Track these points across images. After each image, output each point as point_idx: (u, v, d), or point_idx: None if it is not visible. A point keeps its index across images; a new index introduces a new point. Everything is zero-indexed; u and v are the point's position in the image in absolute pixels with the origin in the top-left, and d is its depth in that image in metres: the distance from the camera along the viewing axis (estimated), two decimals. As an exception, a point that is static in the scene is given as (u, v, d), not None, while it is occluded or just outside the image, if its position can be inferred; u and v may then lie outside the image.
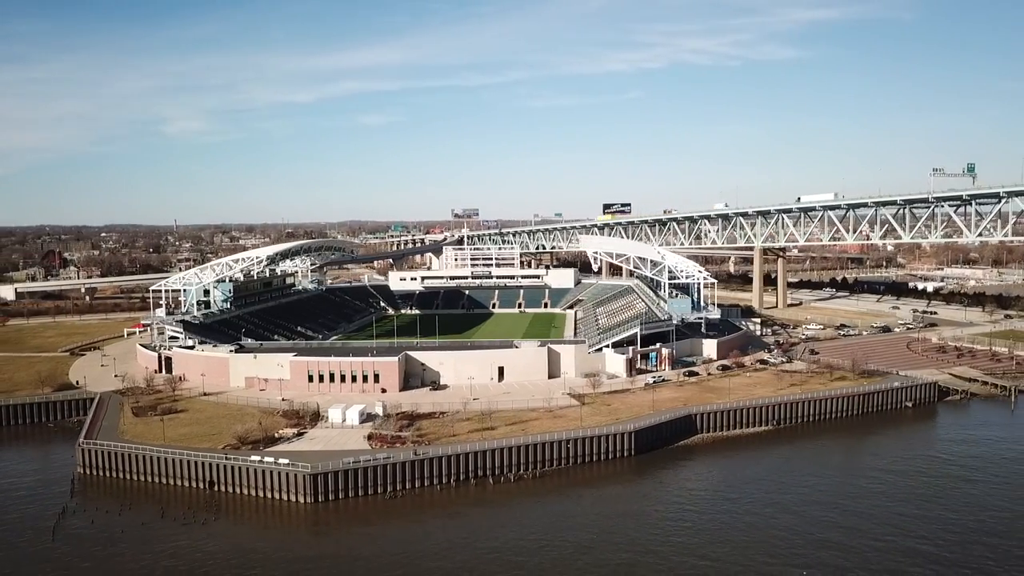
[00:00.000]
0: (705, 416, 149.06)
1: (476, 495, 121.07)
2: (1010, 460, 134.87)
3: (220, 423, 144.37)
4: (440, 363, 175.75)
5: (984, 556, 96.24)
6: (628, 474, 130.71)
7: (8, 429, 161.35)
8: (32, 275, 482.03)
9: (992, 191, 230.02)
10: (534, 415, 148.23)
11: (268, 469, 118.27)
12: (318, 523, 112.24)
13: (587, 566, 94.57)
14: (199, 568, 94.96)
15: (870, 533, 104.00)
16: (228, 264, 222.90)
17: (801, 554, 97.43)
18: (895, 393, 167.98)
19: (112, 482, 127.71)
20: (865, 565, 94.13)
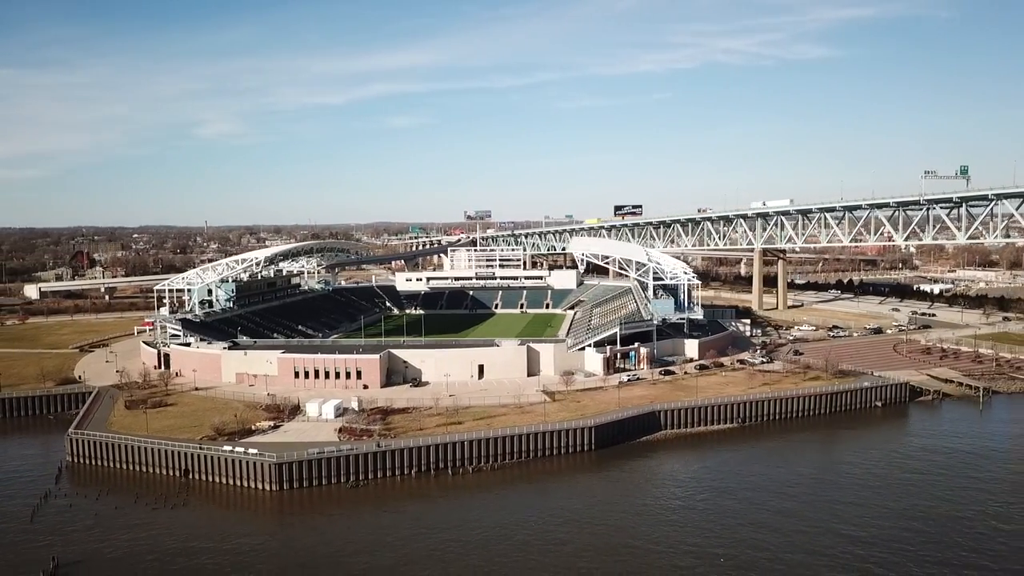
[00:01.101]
0: (669, 413, 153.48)
1: (436, 486, 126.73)
2: (958, 455, 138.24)
3: (204, 416, 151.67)
4: (422, 361, 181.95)
5: (903, 538, 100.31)
6: (586, 467, 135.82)
7: (11, 421, 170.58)
8: (59, 275, 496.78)
9: (981, 193, 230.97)
10: (503, 411, 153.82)
11: (237, 458, 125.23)
12: (282, 510, 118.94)
13: (524, 542, 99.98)
14: (155, 547, 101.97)
15: (802, 517, 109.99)
16: (229, 264, 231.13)
17: (729, 536, 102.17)
18: (864, 393, 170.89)
19: (97, 470, 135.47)
20: (789, 547, 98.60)
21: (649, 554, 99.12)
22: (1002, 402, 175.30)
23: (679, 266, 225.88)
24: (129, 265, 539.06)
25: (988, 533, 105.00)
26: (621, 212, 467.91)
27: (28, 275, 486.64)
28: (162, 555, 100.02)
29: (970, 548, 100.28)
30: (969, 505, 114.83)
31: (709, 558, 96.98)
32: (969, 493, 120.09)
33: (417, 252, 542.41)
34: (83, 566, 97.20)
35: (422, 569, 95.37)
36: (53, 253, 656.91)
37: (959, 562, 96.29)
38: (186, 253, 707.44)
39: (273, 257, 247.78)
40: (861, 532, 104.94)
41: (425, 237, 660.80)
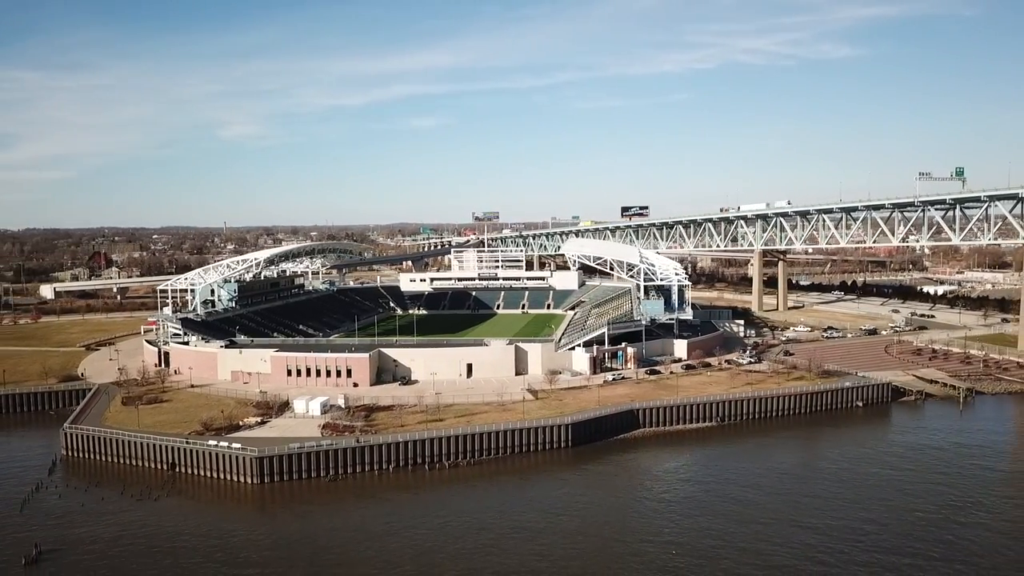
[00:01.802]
0: (646, 411, 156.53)
1: (413, 480, 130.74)
2: (929, 452, 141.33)
3: (196, 412, 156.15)
4: (411, 360, 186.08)
5: (856, 528, 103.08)
6: (561, 463, 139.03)
7: (13, 416, 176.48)
8: (76, 275, 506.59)
9: (973, 195, 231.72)
10: (485, 408, 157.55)
11: (220, 452, 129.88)
12: (262, 502, 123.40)
13: (496, 533, 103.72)
14: (134, 535, 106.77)
15: (763, 509, 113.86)
16: (230, 265, 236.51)
17: (688, 526, 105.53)
18: (845, 393, 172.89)
19: (90, 463, 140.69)
20: (743, 537, 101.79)
21: (611, 542, 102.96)
22: (985, 402, 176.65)
23: (672, 267, 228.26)
24: (144, 266, 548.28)
25: (942, 525, 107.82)
26: (628, 213, 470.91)
27: (46, 275, 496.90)
28: (139, 543, 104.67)
29: (920, 538, 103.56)
30: (929, 499, 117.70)
31: (664, 547, 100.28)
32: (933, 487, 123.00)
33: (421, 253, 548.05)
34: (64, 552, 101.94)
35: (398, 558, 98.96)
36: (72, 254, 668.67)
37: (907, 551, 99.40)
38: (202, 254, 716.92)
39: (273, 258, 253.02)
40: (817, 522, 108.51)
41: (437, 238, 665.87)
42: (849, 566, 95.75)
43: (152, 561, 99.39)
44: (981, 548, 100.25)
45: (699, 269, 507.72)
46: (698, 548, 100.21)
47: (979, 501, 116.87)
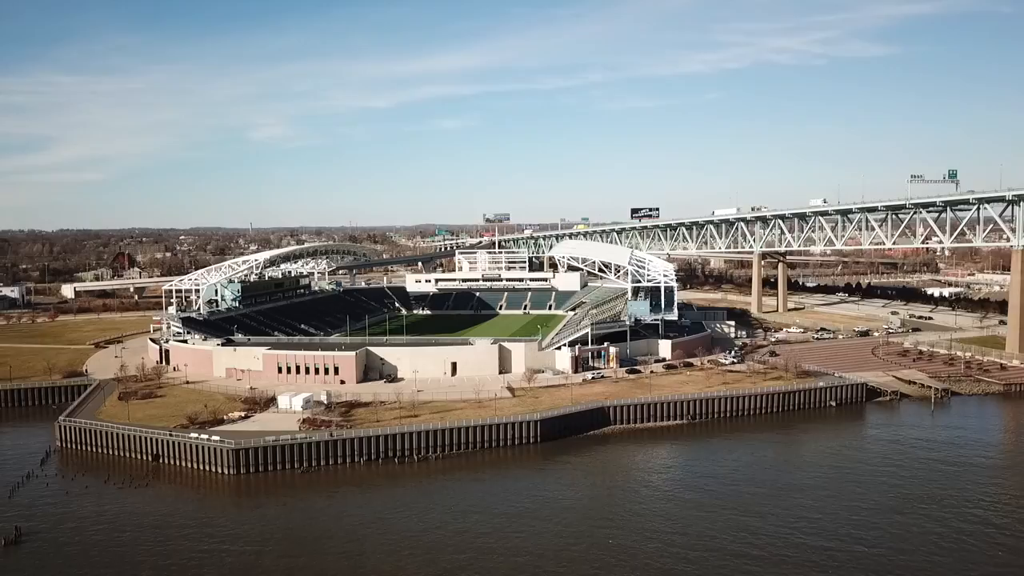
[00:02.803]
0: (618, 409, 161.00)
1: (383, 473, 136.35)
2: (890, 450, 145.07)
3: (186, 407, 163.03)
4: (397, 359, 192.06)
5: (797, 515, 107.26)
6: (527, 458, 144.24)
7: (17, 410, 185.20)
8: (99, 275, 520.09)
9: (963, 197, 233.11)
10: (462, 405, 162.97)
11: (199, 444, 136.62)
12: (238, 491, 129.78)
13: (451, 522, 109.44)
14: (111, 520, 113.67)
15: (704, 504, 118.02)
16: (232, 266, 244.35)
17: (628, 519, 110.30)
18: (819, 392, 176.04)
19: (81, 454, 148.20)
20: (680, 529, 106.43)
21: (546, 534, 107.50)
22: (959, 403, 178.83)
23: (662, 268, 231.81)
24: (165, 266, 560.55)
25: (875, 519, 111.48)
26: (639, 215, 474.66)
27: (70, 275, 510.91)
28: (112, 526, 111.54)
29: (858, 524, 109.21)
30: (872, 494, 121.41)
31: (601, 538, 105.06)
32: (881, 481, 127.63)
33: (425, 255, 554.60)
34: (42, 535, 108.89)
35: (368, 546, 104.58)
36: (98, 254, 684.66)
37: (844, 536, 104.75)
38: (224, 255, 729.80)
39: (274, 259, 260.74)
40: (762, 510, 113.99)
41: (451, 240, 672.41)
42: (787, 548, 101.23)
43: (120, 542, 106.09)
44: (913, 537, 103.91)
45: (707, 271, 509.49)
46: (629, 541, 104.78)
47: (931, 494, 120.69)
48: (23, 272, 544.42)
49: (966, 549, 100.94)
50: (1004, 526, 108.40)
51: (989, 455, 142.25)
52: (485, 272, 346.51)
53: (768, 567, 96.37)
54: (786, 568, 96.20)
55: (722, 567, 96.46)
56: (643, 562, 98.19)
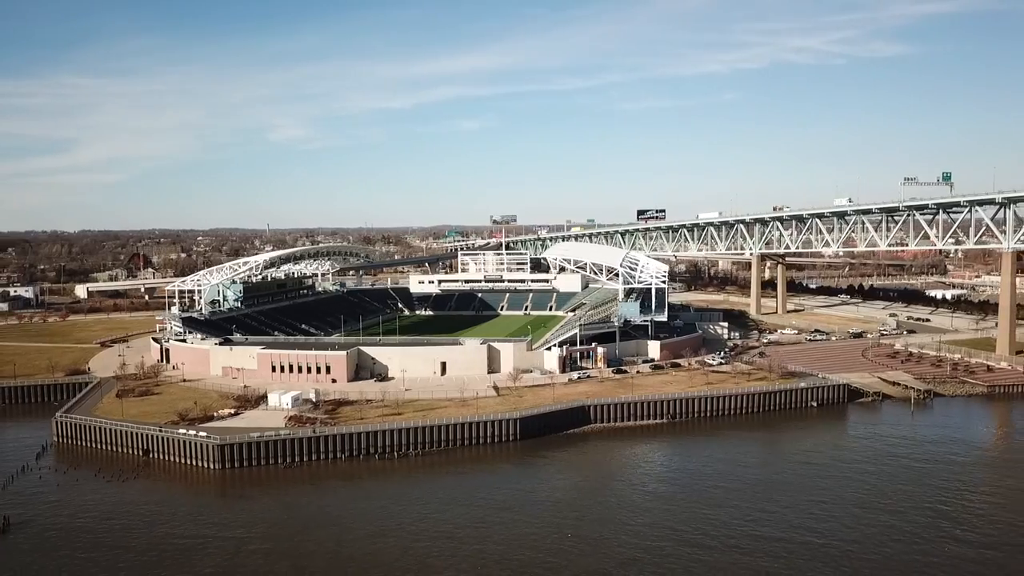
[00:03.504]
0: (598, 408, 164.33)
1: (364, 469, 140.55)
2: (860, 449, 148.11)
3: (180, 404, 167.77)
4: (388, 358, 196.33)
5: (760, 508, 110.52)
6: (504, 455, 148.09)
7: (21, 406, 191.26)
8: (114, 276, 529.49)
9: (954, 200, 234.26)
10: (446, 404, 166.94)
11: (186, 440, 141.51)
12: (223, 485, 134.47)
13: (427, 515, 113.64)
14: (97, 511, 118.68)
15: (669, 499, 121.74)
16: (232, 267, 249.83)
17: (594, 512, 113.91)
18: (800, 393, 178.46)
19: (77, 449, 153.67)
20: (644, 524, 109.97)
21: (516, 523, 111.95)
22: (942, 404, 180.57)
23: (654, 270, 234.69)
24: (178, 267, 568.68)
25: (836, 512, 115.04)
26: (644, 216, 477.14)
27: (85, 276, 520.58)
28: (100, 516, 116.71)
29: (818, 517, 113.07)
30: (838, 489, 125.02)
31: (560, 531, 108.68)
32: (848, 477, 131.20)
33: (432, 256, 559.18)
34: (29, 524, 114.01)
35: (348, 535, 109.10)
36: (115, 255, 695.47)
37: (795, 528, 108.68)
38: (238, 256, 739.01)
39: (274, 260, 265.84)
40: (719, 508, 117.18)
41: (463, 241, 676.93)
42: (742, 538, 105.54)
43: (104, 530, 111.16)
44: (868, 529, 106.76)
45: (713, 273, 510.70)
46: (588, 534, 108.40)
47: (894, 490, 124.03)
48: (40, 272, 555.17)
49: (916, 541, 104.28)
50: (960, 520, 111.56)
51: (959, 453, 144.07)
52: (487, 274, 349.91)
53: (721, 554, 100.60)
54: (736, 555, 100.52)
55: (677, 555, 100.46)
56: (602, 550, 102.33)
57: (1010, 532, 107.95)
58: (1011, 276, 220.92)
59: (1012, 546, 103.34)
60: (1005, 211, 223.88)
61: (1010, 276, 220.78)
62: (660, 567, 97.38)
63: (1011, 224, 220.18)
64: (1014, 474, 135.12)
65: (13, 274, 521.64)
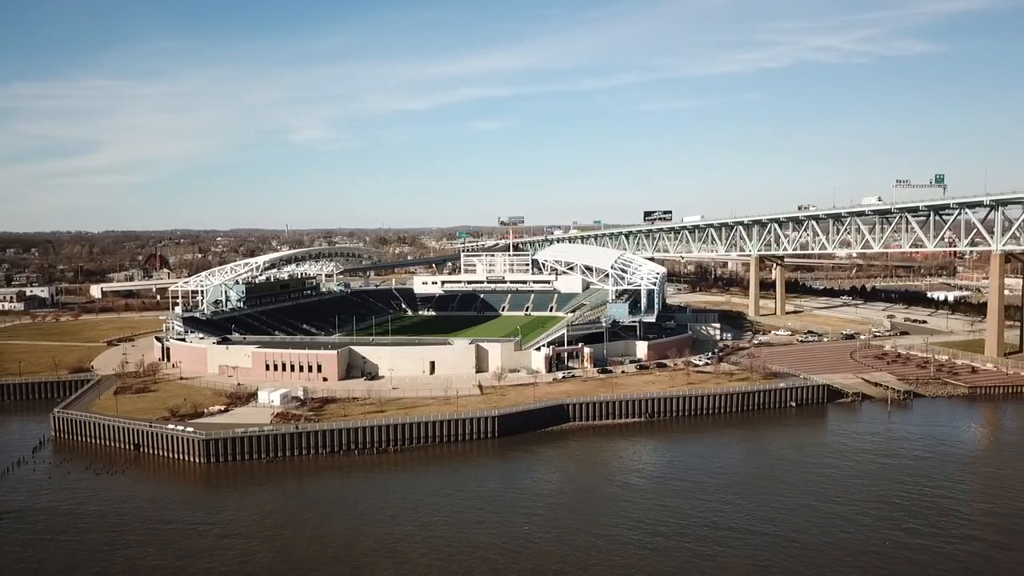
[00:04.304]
0: (577, 406, 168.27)
1: (344, 464, 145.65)
2: (831, 449, 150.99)
3: (173, 400, 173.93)
4: (379, 357, 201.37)
5: (720, 501, 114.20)
6: (482, 452, 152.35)
7: (24, 402, 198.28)
8: (130, 276, 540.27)
9: (943, 202, 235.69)
10: (429, 402, 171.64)
11: (173, 435, 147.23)
12: (208, 478, 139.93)
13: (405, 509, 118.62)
14: (82, 501, 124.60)
15: (629, 497, 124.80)
16: (233, 268, 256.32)
17: (554, 507, 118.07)
18: (779, 393, 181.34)
19: (73, 443, 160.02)
20: (600, 520, 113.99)
21: (484, 513, 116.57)
22: (922, 405, 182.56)
23: (646, 271, 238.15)
24: (194, 268, 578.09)
25: (790, 506, 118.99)
26: (651, 217, 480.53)
27: (102, 276, 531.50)
28: (84, 505, 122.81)
29: (774, 508, 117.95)
30: (798, 485, 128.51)
31: (517, 525, 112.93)
32: (811, 474, 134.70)
33: (439, 257, 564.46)
34: (18, 513, 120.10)
35: (328, 522, 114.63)
36: (133, 255, 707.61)
37: (743, 521, 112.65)
38: (254, 256, 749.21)
39: (274, 261, 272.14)
40: (675, 502, 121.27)
41: (475, 242, 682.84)
42: (692, 525, 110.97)
43: (86, 517, 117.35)
44: (815, 521, 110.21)
45: (719, 274, 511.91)
46: (543, 528, 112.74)
47: (853, 486, 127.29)
48: (60, 273, 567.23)
49: (861, 534, 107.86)
50: (913, 513, 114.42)
51: (925, 451, 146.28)
52: (489, 275, 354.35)
53: (668, 539, 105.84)
54: (686, 541, 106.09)
55: (626, 546, 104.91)
56: (556, 534, 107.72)
57: (957, 523, 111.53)
58: (999, 278, 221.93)
59: (958, 537, 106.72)
60: (994, 213, 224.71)
61: (998, 278, 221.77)
62: (614, 553, 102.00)
63: (999, 226, 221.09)
64: (974, 470, 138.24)
65: (33, 274, 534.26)
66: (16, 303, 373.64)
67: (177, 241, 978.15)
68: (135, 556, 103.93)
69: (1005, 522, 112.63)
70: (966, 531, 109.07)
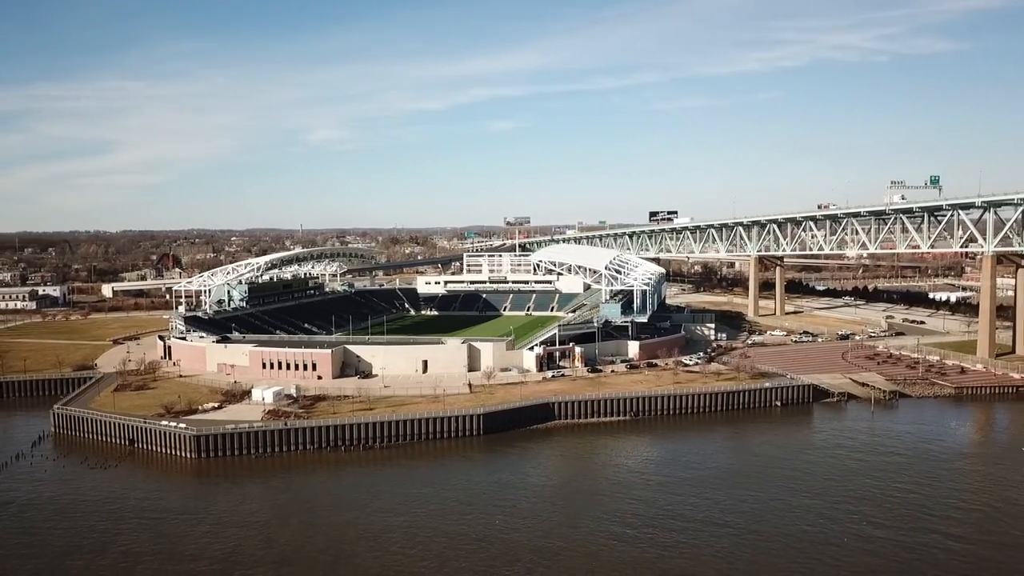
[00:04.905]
0: (562, 405, 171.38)
1: (331, 460, 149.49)
2: (804, 447, 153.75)
3: (169, 398, 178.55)
4: (372, 356, 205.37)
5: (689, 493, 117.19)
6: (465, 448, 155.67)
7: (28, 399, 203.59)
8: (143, 275, 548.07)
9: (936, 204, 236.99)
10: (419, 400, 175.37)
11: (165, 431, 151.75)
12: (198, 472, 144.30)
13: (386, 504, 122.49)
14: (71, 494, 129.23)
15: (595, 493, 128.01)
16: (235, 268, 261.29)
17: (519, 502, 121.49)
18: (764, 393, 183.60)
19: (71, 438, 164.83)
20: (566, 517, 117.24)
21: (464, 505, 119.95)
22: (907, 405, 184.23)
23: (641, 273, 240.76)
24: (205, 267, 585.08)
25: (756, 499, 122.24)
26: (657, 218, 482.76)
27: (115, 275, 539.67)
28: (75, 497, 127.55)
29: (731, 504, 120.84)
30: (767, 482, 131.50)
31: (488, 519, 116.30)
32: (781, 471, 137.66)
33: (445, 258, 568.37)
34: (10, 505, 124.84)
35: (314, 512, 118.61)
36: (146, 255, 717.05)
37: (708, 515, 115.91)
38: (266, 256, 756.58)
39: (274, 262, 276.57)
40: (644, 499, 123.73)
41: (483, 241, 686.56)
42: (673, 519, 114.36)
43: (74, 507, 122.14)
44: (776, 516, 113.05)
45: (723, 274, 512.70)
46: (509, 522, 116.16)
47: (822, 484, 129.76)
48: (74, 272, 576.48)
49: (825, 527, 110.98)
50: (870, 514, 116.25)
51: (902, 450, 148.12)
52: (491, 275, 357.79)
53: (636, 530, 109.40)
54: (654, 531, 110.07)
55: (596, 535, 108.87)
56: (533, 525, 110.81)
57: (920, 517, 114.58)
58: (991, 279, 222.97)
59: (917, 530, 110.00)
60: (986, 214, 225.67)
61: (990, 279, 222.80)
62: (585, 542, 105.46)
63: (991, 227, 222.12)
64: (948, 467, 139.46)
65: (48, 274, 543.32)
66: (28, 302, 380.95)
67: (192, 241, 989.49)
68: (128, 543, 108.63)
69: (966, 516, 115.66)
70: (926, 524, 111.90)
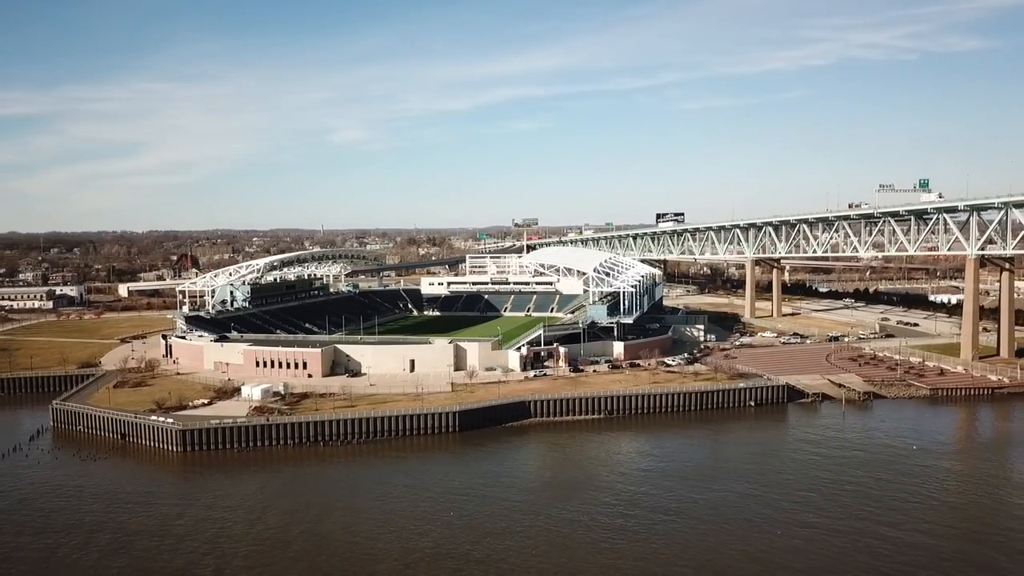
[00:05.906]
0: (539, 403, 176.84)
1: (311, 453, 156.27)
2: (767, 445, 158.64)
3: (163, 394, 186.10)
4: (361, 355, 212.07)
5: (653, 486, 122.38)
6: (440, 445, 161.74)
7: (33, 394, 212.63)
8: (161, 276, 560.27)
9: (922, 207, 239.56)
10: (401, 398, 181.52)
11: (153, 425, 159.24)
12: (183, 465, 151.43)
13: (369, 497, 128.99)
14: (59, 483, 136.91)
15: (562, 486, 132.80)
16: (237, 269, 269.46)
17: (482, 497, 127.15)
18: (738, 393, 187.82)
19: (68, 433, 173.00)
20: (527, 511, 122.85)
21: (433, 499, 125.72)
22: (881, 406, 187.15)
23: (631, 274, 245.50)
24: (222, 268, 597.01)
25: (720, 491, 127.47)
26: (663, 219, 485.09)
27: (133, 276, 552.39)
28: (62, 486, 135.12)
29: (691, 499, 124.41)
30: (729, 478, 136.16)
31: (443, 513, 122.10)
32: (743, 467, 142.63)
33: (451, 259, 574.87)
34: (4, 492, 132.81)
35: (306, 507, 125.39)
36: (166, 255, 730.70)
37: (663, 510, 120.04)
38: (267, 256, 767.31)
39: (274, 264, 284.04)
40: (607, 491, 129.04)
41: (495, 243, 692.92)
42: (619, 506, 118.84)
43: (62, 496, 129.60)
44: (728, 511, 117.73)
45: (728, 276, 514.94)
46: (473, 517, 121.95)
47: (779, 480, 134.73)
48: (95, 272, 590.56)
49: (760, 519, 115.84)
50: (821, 508, 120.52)
51: (861, 448, 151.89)
52: (493, 276, 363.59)
53: (582, 515, 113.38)
54: (602, 518, 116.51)
55: (549, 530, 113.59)
56: (495, 511, 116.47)
57: (863, 508, 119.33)
58: (974, 281, 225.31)
59: (852, 517, 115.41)
60: (971, 218, 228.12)
61: (972, 283, 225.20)
62: (534, 526, 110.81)
63: (974, 231, 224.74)
64: (903, 462, 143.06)
65: (68, 274, 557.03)
66: (45, 301, 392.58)
67: (214, 241, 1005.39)
68: (116, 531, 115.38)
69: (904, 506, 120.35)
70: (866, 514, 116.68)
